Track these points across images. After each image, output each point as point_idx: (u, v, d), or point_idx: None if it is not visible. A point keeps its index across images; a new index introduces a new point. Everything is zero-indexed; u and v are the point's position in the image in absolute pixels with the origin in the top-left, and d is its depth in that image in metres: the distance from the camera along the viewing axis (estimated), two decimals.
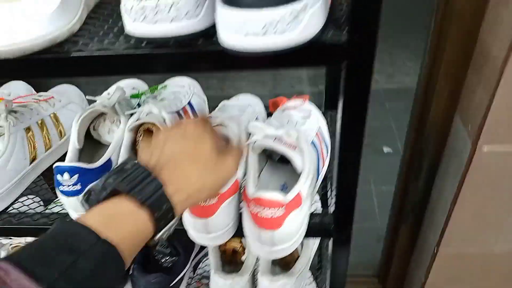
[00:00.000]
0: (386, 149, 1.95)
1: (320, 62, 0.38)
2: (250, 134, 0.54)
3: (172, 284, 0.79)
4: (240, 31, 0.33)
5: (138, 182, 0.36)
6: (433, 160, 0.94)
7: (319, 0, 0.34)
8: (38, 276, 0.27)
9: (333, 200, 0.56)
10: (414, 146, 0.97)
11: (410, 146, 0.99)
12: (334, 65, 0.38)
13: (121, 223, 0.34)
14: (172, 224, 0.39)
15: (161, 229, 0.37)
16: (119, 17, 0.40)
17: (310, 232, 0.59)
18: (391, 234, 1.23)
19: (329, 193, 0.66)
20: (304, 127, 0.58)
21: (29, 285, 0.27)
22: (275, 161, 0.60)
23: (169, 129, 0.44)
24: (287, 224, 0.47)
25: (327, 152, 0.63)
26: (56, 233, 0.32)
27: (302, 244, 0.82)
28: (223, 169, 0.43)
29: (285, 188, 0.57)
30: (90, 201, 0.36)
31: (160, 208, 0.36)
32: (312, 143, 0.57)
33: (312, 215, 0.59)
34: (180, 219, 0.55)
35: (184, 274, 0.84)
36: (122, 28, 0.40)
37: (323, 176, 0.62)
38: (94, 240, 0.31)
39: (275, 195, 0.46)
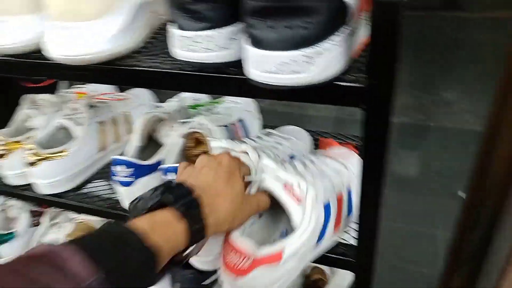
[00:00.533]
0: (461, 194, 1.82)
1: (337, 102, 0.40)
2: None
3: (204, 282, 0.85)
4: (258, 68, 0.37)
5: (181, 198, 0.40)
6: (493, 214, 0.88)
7: (338, 45, 0.37)
8: (100, 263, 0.31)
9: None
10: (475, 195, 0.92)
11: (471, 194, 0.94)
12: (352, 106, 0.40)
13: (164, 230, 0.38)
14: (201, 243, 0.42)
15: (191, 245, 0.41)
16: None
17: (334, 263, 0.59)
18: (443, 283, 1.16)
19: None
20: (326, 183, 0.52)
21: (91, 269, 0.30)
22: None
23: (207, 157, 0.49)
24: (252, 277, 0.45)
25: (349, 215, 0.57)
26: (110, 232, 0.36)
27: (332, 271, 0.82)
28: (247, 208, 0.46)
29: (284, 235, 0.54)
30: (137, 207, 0.41)
31: (196, 224, 0.40)
32: (327, 204, 0.51)
33: (336, 245, 0.59)
34: None
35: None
36: None
37: (336, 239, 0.58)
38: (141, 244, 0.35)
39: (244, 244, 0.45)
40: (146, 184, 0.66)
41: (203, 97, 0.80)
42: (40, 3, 0.45)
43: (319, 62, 0.36)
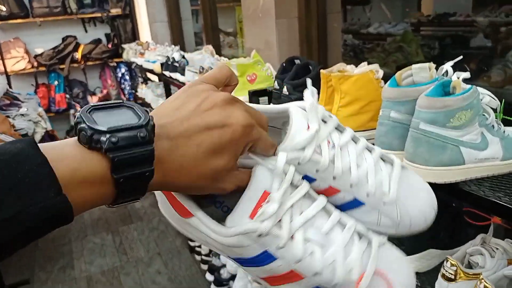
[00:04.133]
0: None
1: None
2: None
3: None
4: None
5: (132, 164, 0.29)
6: None
7: None
8: None
9: None
10: None
11: None
12: None
13: (87, 188, 0.28)
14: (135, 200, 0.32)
15: (122, 203, 0.31)
16: None
17: None
18: None
19: None
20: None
21: None
22: None
23: (217, 106, 0.34)
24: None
25: None
26: (16, 165, 0.25)
27: None
28: (219, 185, 0.35)
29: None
30: (82, 137, 0.29)
31: (133, 192, 0.31)
32: (266, 254, 0.37)
33: None
34: None
35: None
36: None
37: None
38: (52, 193, 0.26)
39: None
40: None
41: None
42: None
43: None
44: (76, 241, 2.87)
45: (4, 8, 3.81)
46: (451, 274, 0.73)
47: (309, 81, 0.42)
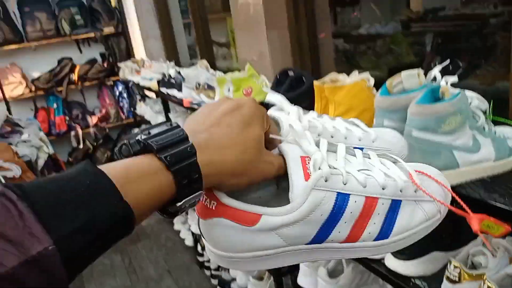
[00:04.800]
0: None
1: None
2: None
3: None
4: None
5: (172, 144, 0.34)
6: None
7: None
8: (51, 228, 0.26)
9: None
10: None
11: None
12: None
13: (143, 182, 0.32)
14: (196, 196, 0.36)
15: (185, 197, 0.35)
16: None
17: None
18: None
19: None
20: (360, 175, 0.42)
21: (42, 235, 0.26)
22: None
23: (227, 99, 0.42)
24: (215, 224, 0.41)
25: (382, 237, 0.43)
26: (79, 180, 0.30)
27: None
28: (262, 165, 0.39)
29: None
30: (123, 151, 0.36)
31: (185, 177, 0.34)
32: (344, 195, 0.41)
33: None
34: None
35: None
36: None
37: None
38: (115, 201, 0.30)
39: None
40: None
41: None
42: None
43: None
44: None
45: None
46: (455, 276, 0.74)
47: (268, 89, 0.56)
